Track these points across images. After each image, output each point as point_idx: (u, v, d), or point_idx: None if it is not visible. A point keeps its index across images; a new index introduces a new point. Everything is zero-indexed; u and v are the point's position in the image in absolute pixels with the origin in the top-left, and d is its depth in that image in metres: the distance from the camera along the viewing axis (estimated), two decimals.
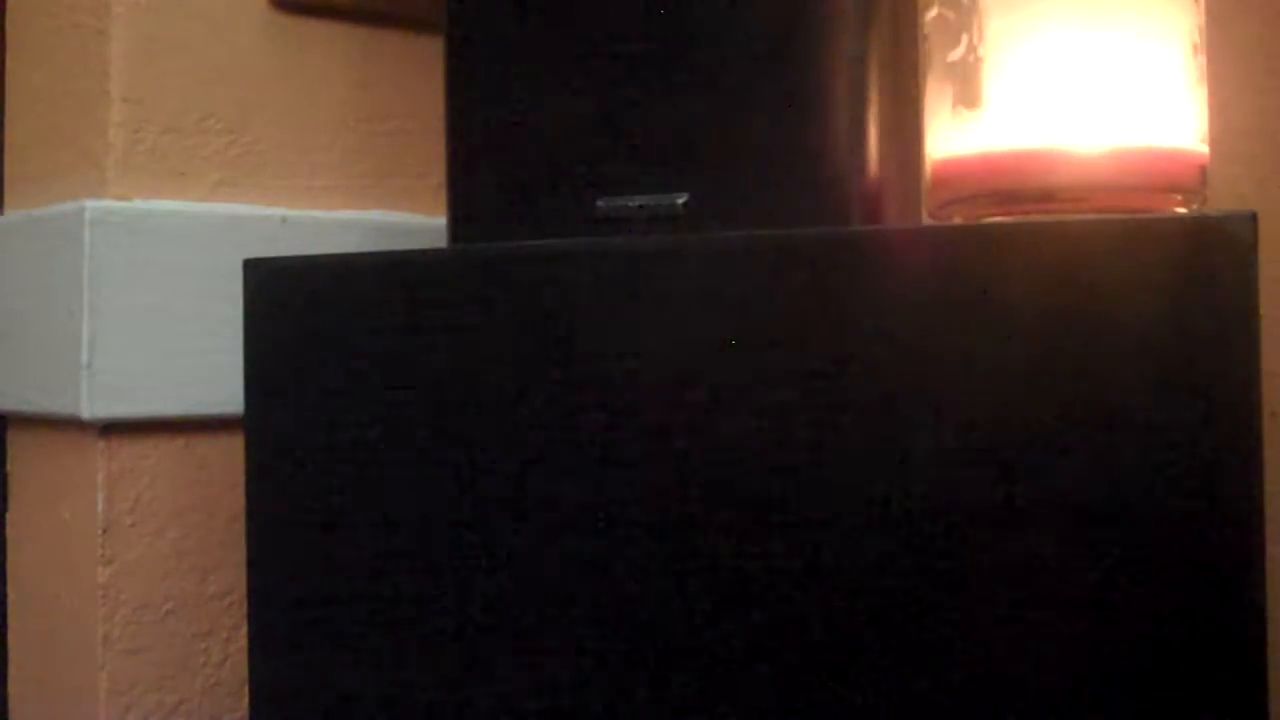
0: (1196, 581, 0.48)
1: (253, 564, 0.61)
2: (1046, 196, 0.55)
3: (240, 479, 0.61)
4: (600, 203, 0.61)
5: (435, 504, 0.57)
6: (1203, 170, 0.56)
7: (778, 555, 0.53)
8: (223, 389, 0.73)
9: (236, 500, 0.71)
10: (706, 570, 0.54)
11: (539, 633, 0.56)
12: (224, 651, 0.76)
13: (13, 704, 0.81)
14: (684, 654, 0.54)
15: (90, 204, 0.71)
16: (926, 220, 0.62)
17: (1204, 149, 0.57)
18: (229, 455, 0.76)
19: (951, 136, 0.58)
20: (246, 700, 0.63)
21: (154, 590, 0.74)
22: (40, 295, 0.75)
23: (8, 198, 0.82)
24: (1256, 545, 0.48)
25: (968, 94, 0.57)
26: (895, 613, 0.51)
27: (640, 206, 0.60)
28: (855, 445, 0.52)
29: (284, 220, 0.77)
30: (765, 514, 0.53)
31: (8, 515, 0.82)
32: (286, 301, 0.60)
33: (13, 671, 0.82)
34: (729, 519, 0.53)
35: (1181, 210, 0.56)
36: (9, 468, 0.82)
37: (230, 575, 0.76)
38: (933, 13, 0.59)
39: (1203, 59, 0.57)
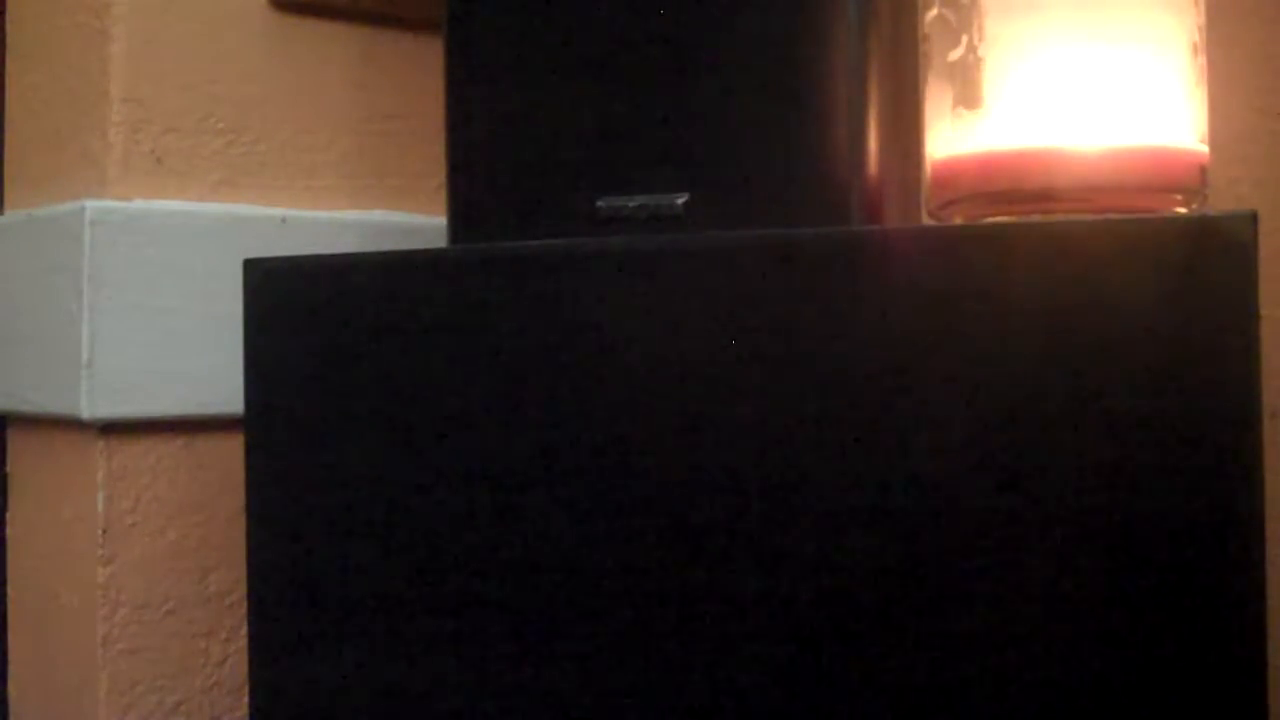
0: (1196, 582, 0.48)
1: (253, 564, 0.61)
2: (1046, 196, 0.55)
3: (240, 479, 0.61)
4: (600, 203, 0.61)
5: (435, 503, 0.57)
6: (1203, 170, 0.56)
7: (778, 555, 0.53)
8: (223, 389, 0.73)
9: (236, 500, 0.71)
10: (707, 569, 0.54)
11: (539, 632, 0.56)
12: (224, 651, 0.76)
13: (13, 704, 0.81)
14: (685, 654, 0.54)
15: (90, 204, 0.71)
16: (926, 220, 0.62)
17: (1204, 149, 0.57)
18: (229, 455, 0.76)
19: (951, 137, 0.58)
20: (246, 700, 0.63)
21: (154, 590, 0.74)
22: (40, 295, 0.75)
23: (8, 198, 0.82)
24: (1256, 545, 0.48)
25: (968, 94, 0.57)
26: (895, 612, 0.51)
27: (640, 206, 0.60)
28: (855, 444, 0.52)
29: (284, 220, 0.77)
30: (766, 513, 0.53)
31: (8, 515, 0.82)
32: (286, 301, 0.60)
33: (13, 671, 0.82)
34: (730, 517, 0.53)
35: (1181, 210, 0.56)
36: (9, 468, 0.82)
37: (230, 575, 0.76)
38: (933, 13, 0.59)
39: (1203, 59, 0.57)
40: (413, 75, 0.83)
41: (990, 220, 0.56)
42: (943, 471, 0.51)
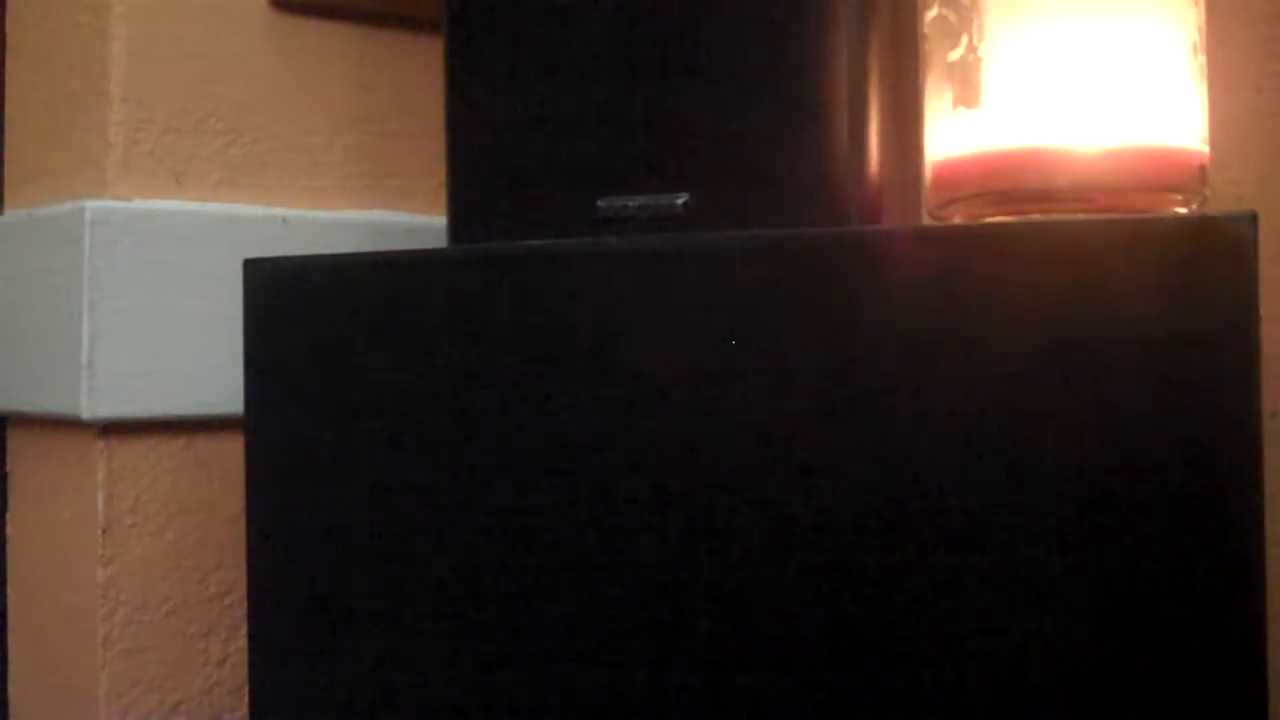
0: (1197, 582, 0.48)
1: (253, 564, 0.61)
2: (1046, 196, 0.55)
3: (240, 479, 0.61)
4: (600, 203, 0.61)
5: (435, 503, 0.57)
6: (1203, 170, 0.56)
7: (778, 554, 0.53)
8: (223, 389, 0.73)
9: (236, 500, 0.71)
10: (706, 569, 0.54)
11: (538, 632, 0.56)
12: (224, 651, 0.76)
13: (13, 704, 0.81)
14: (684, 655, 0.54)
15: (90, 204, 0.71)
16: (926, 220, 0.62)
17: (1204, 149, 0.57)
18: (229, 455, 0.76)
19: (951, 136, 0.58)
20: (246, 700, 0.63)
21: (154, 590, 0.74)
22: (40, 295, 0.75)
23: (8, 198, 0.82)
24: (1256, 545, 0.48)
25: (967, 94, 0.57)
26: (894, 612, 0.51)
27: (640, 206, 0.60)
28: (855, 444, 0.52)
29: (284, 220, 0.77)
30: (765, 513, 0.53)
31: (8, 515, 0.82)
32: (286, 301, 0.60)
33: (13, 671, 0.82)
34: (729, 518, 0.53)
35: (1181, 210, 0.56)
36: (9, 468, 0.82)
37: (230, 575, 0.76)
38: (933, 13, 0.59)
39: (1203, 59, 0.57)
40: (413, 75, 0.83)
41: (990, 220, 0.56)
42: (943, 471, 0.51)
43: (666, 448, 0.54)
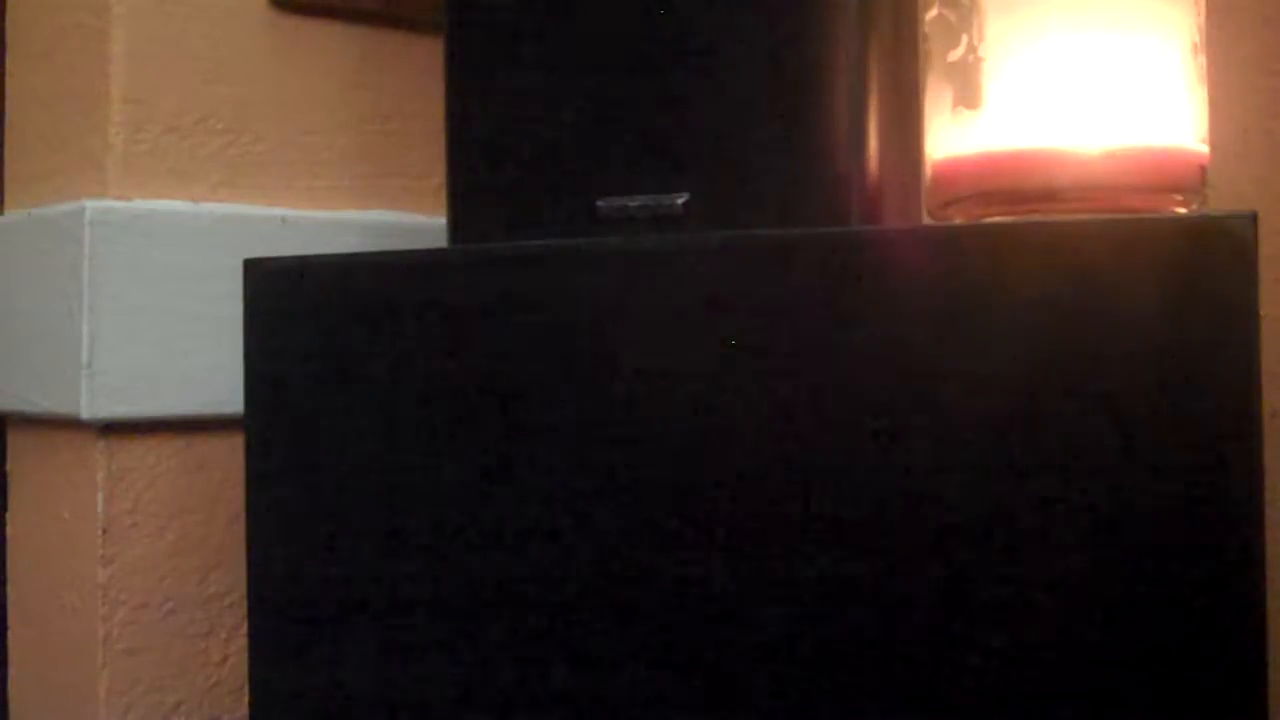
0: (1197, 581, 0.48)
1: (253, 564, 0.61)
2: (1046, 196, 0.55)
3: (240, 479, 0.61)
4: (600, 203, 0.61)
5: (435, 504, 0.57)
6: (1203, 170, 0.56)
7: (778, 553, 0.53)
8: (223, 389, 0.73)
9: (236, 500, 0.71)
10: (707, 570, 0.54)
11: (539, 633, 0.56)
12: (224, 651, 0.76)
13: (13, 704, 0.81)
14: (684, 657, 0.54)
15: (90, 204, 0.71)
16: (926, 220, 0.62)
17: (1204, 149, 0.57)
18: (229, 455, 0.76)
19: (952, 136, 0.58)
20: (246, 700, 0.63)
21: (154, 590, 0.74)
22: (40, 295, 0.75)
23: (8, 198, 0.82)
24: (1256, 545, 0.48)
25: (968, 94, 0.57)
26: (895, 612, 0.51)
27: (640, 206, 0.60)
28: (855, 444, 0.52)
29: (284, 220, 0.77)
30: (765, 512, 0.53)
31: (8, 515, 0.82)
32: (286, 301, 0.60)
33: (13, 671, 0.82)
34: (729, 518, 0.53)
35: (1181, 210, 0.56)
36: (9, 468, 0.82)
37: (230, 575, 0.76)
38: (933, 13, 0.59)
39: (1203, 59, 0.57)
40: (413, 75, 0.83)
41: (990, 220, 0.56)
42: (942, 471, 0.51)
43: (666, 447, 0.54)
